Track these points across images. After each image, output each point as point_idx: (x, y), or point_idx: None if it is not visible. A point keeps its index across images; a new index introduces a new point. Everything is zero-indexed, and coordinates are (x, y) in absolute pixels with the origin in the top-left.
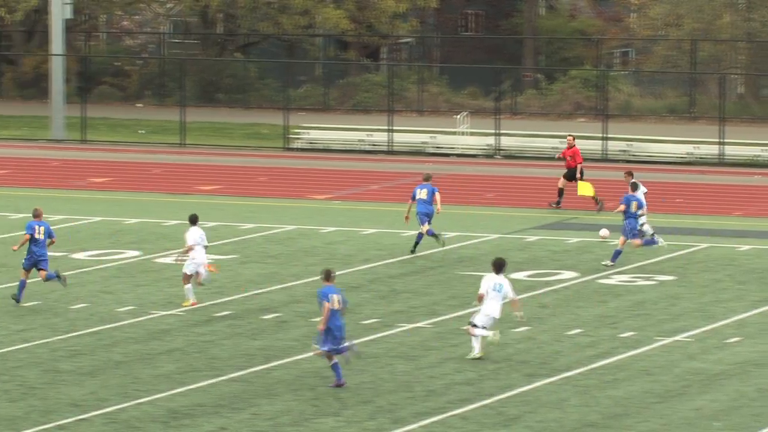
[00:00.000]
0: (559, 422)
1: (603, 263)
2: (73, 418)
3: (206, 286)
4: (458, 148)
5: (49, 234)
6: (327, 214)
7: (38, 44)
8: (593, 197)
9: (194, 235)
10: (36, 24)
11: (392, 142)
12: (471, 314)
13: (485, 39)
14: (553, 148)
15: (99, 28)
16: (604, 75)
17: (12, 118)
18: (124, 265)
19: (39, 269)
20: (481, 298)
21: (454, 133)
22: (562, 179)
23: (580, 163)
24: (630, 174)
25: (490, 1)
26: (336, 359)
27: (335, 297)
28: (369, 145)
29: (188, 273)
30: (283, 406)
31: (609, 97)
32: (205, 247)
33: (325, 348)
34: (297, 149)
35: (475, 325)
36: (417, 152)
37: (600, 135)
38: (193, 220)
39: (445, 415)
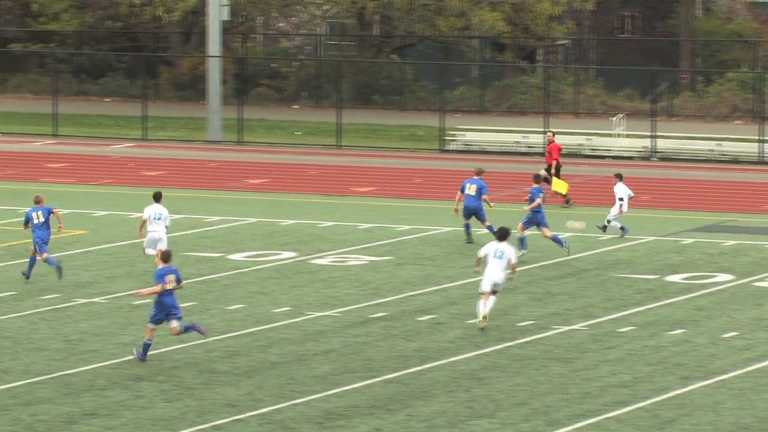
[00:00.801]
0: (714, 425)
1: None
2: (229, 419)
3: (362, 287)
4: (614, 150)
5: (50, 211)
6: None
7: (195, 46)
8: (564, 195)
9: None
10: (193, 25)
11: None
12: (623, 315)
13: (641, 41)
14: (709, 150)
15: (256, 29)
16: (760, 77)
17: (169, 119)
18: (281, 266)
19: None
20: (479, 261)
21: (609, 135)
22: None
23: (556, 159)
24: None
25: (647, 3)
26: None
27: (170, 277)
28: (525, 147)
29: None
30: (438, 408)
31: (766, 100)
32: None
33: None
34: (453, 151)
35: (483, 292)
36: (573, 154)
37: (756, 137)
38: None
39: (600, 418)
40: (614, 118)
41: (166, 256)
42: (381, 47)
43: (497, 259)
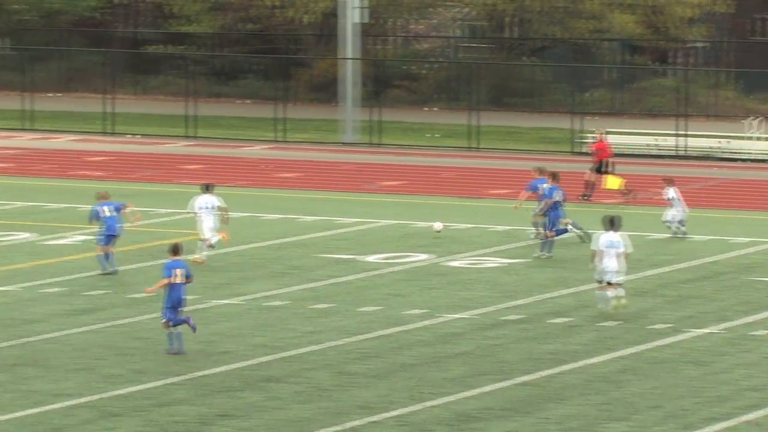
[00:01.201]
0: None
1: None
2: (364, 420)
3: (496, 290)
4: (751, 153)
5: (118, 208)
6: None
7: (331, 48)
8: (619, 189)
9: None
10: (329, 27)
11: (686, 147)
12: (758, 319)
13: None
14: None
15: (391, 32)
16: None
17: (304, 121)
18: (415, 268)
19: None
20: (594, 255)
21: (746, 138)
22: (589, 173)
23: (607, 157)
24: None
25: None
26: (173, 329)
27: (179, 271)
28: (658, 149)
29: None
30: (572, 411)
31: None
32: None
33: (164, 319)
34: (586, 153)
35: (600, 282)
36: (708, 157)
37: None
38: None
39: (735, 421)
40: (749, 121)
41: (175, 249)
42: (516, 49)
43: (613, 249)
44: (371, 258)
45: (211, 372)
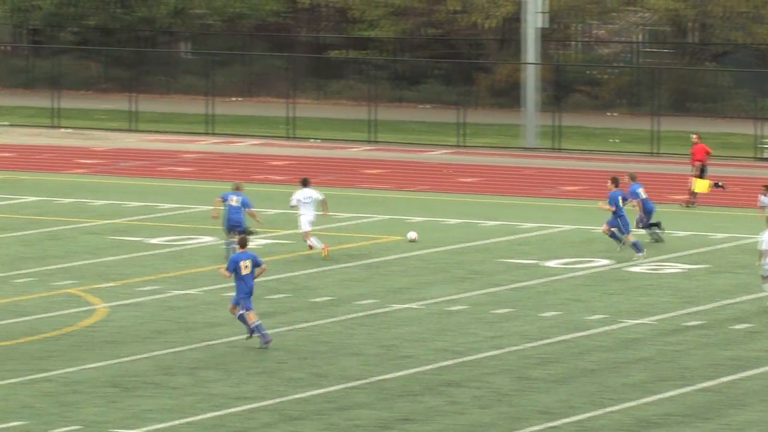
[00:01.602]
0: None
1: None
2: (543, 426)
3: (677, 295)
4: None
5: (245, 204)
6: None
7: (512, 53)
8: (708, 191)
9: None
10: (510, 32)
11: None
12: None
13: None
14: None
15: (572, 37)
16: None
17: (485, 126)
18: (595, 273)
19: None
20: (762, 255)
21: None
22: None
23: (700, 160)
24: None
25: None
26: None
27: (247, 262)
28: None
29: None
30: (753, 417)
31: None
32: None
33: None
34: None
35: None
36: None
37: None
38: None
39: None
40: None
41: (242, 242)
42: (697, 54)
43: None
44: (552, 263)
45: (391, 376)
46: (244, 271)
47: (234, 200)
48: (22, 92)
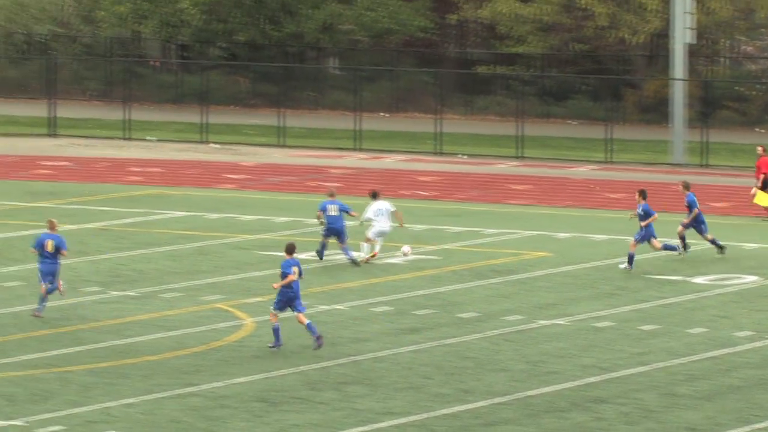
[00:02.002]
0: None
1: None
2: None
3: None
4: None
5: (343, 209)
6: None
7: (660, 69)
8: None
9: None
10: (658, 48)
11: None
12: None
13: None
14: None
15: (720, 52)
16: None
17: (633, 141)
18: (743, 289)
19: None
20: None
21: None
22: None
23: (765, 173)
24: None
25: None
26: (278, 323)
27: (295, 269)
28: None
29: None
30: None
31: None
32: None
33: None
34: None
35: None
36: None
37: None
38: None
39: None
40: None
41: (290, 249)
42: None
43: None
44: (699, 279)
45: (538, 392)
46: (294, 277)
47: (332, 209)
48: (170, 107)
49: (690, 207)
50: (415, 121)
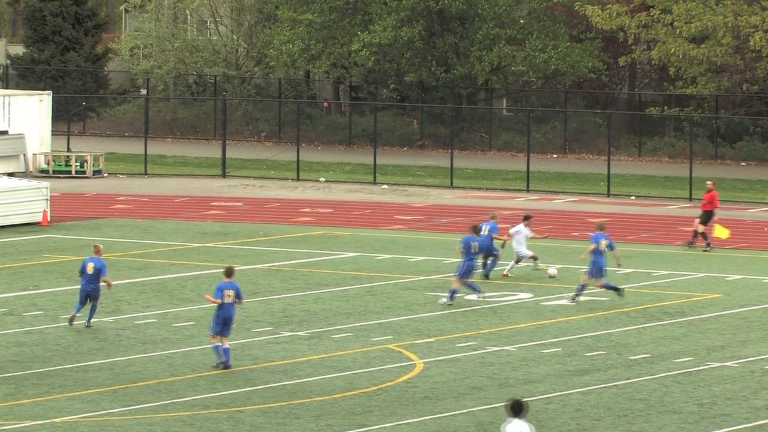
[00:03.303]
0: None
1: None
2: None
3: None
4: None
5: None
6: None
7: None
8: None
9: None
10: None
11: None
12: None
13: None
14: None
15: None
16: None
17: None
18: None
19: None
20: None
21: None
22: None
23: (717, 207)
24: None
25: None
26: (218, 342)
27: (230, 292)
28: None
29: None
30: None
31: None
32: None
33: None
34: None
35: None
36: None
37: None
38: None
39: None
40: None
41: (228, 272)
42: None
43: None
44: None
45: None
46: (227, 300)
47: (485, 229)
48: (341, 148)
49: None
50: (586, 163)
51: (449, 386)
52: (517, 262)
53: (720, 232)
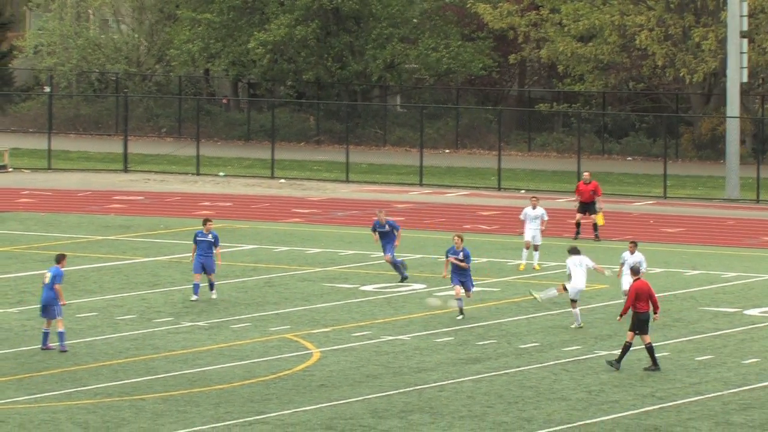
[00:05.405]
0: None
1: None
2: None
3: None
4: None
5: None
6: None
7: (714, 107)
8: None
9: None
10: (713, 87)
11: None
12: None
13: None
14: None
15: None
16: None
17: (689, 177)
18: None
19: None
20: None
21: None
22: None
23: (600, 196)
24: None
25: None
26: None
27: (48, 274)
28: None
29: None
30: None
31: None
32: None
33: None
34: None
35: None
36: None
37: None
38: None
39: None
40: None
41: (58, 259)
42: None
43: None
44: (753, 311)
45: (596, 420)
46: (45, 281)
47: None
48: (239, 144)
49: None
50: (477, 158)
51: (345, 374)
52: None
53: (600, 219)
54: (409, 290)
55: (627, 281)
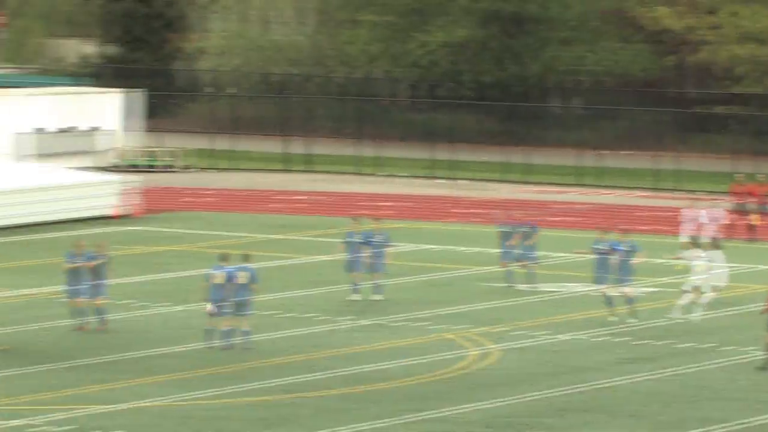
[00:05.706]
0: None
1: None
2: None
3: None
4: None
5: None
6: None
7: None
8: None
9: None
10: None
11: None
12: None
13: None
14: None
15: None
16: None
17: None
18: None
19: None
20: None
21: None
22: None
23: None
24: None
25: None
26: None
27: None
28: None
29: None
30: None
31: None
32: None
33: None
34: None
35: None
36: None
37: None
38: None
39: None
40: None
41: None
42: None
43: None
44: None
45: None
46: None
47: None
48: (399, 144)
49: None
50: (634, 159)
51: (525, 371)
52: None
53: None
54: (569, 292)
55: None
